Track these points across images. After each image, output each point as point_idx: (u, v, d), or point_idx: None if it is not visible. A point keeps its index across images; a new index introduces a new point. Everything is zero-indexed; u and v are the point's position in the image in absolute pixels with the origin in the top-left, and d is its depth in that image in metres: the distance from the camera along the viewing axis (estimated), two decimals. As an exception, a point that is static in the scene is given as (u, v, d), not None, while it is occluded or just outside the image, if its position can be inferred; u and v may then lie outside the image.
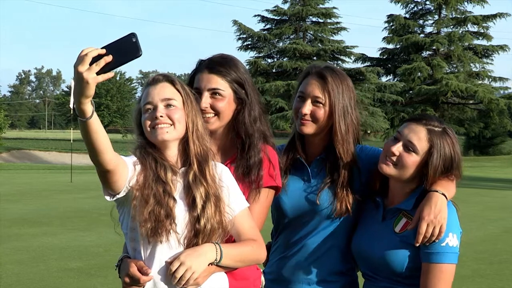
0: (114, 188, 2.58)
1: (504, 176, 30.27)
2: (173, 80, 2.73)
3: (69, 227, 12.45)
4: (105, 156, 2.44)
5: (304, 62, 44.50)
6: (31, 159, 45.60)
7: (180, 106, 2.69)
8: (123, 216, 2.70)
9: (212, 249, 2.61)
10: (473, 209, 15.07)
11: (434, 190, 2.80)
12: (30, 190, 19.46)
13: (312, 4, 46.72)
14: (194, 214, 2.62)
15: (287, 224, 3.13)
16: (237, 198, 2.77)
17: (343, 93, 3.03)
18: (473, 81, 48.34)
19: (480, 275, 8.56)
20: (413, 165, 2.83)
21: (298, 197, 3.08)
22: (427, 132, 2.83)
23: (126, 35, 2.36)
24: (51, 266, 8.99)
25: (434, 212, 2.73)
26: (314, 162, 3.11)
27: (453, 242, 2.74)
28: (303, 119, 3.03)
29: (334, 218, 3.03)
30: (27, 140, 69.35)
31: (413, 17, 50.09)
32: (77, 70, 2.27)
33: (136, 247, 2.66)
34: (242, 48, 48.02)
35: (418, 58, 47.72)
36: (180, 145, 2.72)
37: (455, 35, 47.65)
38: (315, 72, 3.06)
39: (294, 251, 3.10)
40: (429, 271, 2.75)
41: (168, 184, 2.62)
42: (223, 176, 2.77)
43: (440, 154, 2.81)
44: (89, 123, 2.36)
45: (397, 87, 45.16)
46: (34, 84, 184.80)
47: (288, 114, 42.03)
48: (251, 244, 2.73)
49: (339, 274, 3.08)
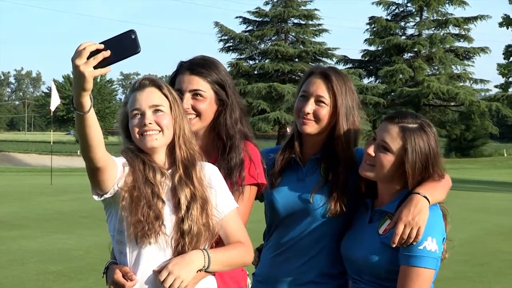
0: (102, 187, 2.58)
1: (485, 178, 30.31)
2: (160, 84, 2.73)
3: (49, 229, 12.36)
4: (97, 152, 2.45)
5: (286, 63, 44.86)
6: (10, 161, 45.35)
7: (168, 112, 2.70)
8: (110, 218, 2.71)
9: (200, 256, 2.62)
10: (453, 211, 14.79)
11: (417, 192, 2.74)
12: (9, 193, 19.36)
13: (293, 6, 46.89)
14: (179, 215, 2.63)
15: (279, 224, 3.11)
16: (225, 199, 2.77)
17: (347, 93, 3.03)
18: (454, 83, 48.56)
19: (462, 277, 8.56)
20: (389, 164, 2.79)
21: (291, 196, 3.06)
22: (400, 129, 2.78)
23: (125, 31, 2.38)
24: (30, 269, 8.93)
25: (412, 214, 2.68)
26: (309, 161, 3.09)
27: (431, 247, 2.68)
28: (305, 118, 3.01)
29: (327, 219, 3.00)
30: (6, 142, 69.28)
31: (395, 19, 50.35)
32: (75, 63, 2.28)
33: (122, 250, 2.67)
34: (223, 49, 48.11)
35: (400, 60, 48.00)
36: (167, 149, 2.73)
37: (437, 37, 47.89)
38: (319, 72, 3.06)
39: (284, 250, 3.08)
40: (405, 274, 2.69)
41: (157, 186, 2.64)
42: (212, 177, 2.77)
43: (414, 151, 2.75)
44: (86, 117, 2.37)
45: (378, 89, 45.52)
46: (14, 85, 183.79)
47: (270, 116, 42.54)
48: (239, 247, 2.74)
49: (330, 276, 3.03)
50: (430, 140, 2.79)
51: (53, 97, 24.27)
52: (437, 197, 2.78)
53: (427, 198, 2.72)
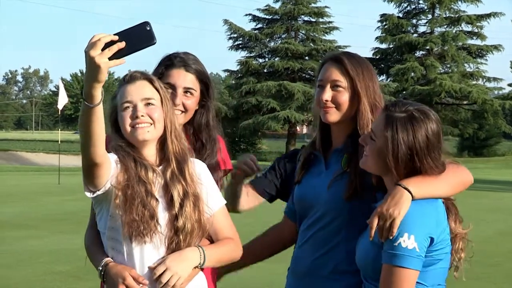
0: (96, 184, 2.59)
1: (499, 177, 29.97)
2: (151, 78, 2.77)
3: (57, 230, 12.30)
4: (97, 148, 2.46)
5: (296, 62, 44.83)
6: (18, 160, 45.14)
7: (159, 105, 2.72)
8: (101, 215, 2.72)
9: (196, 253, 2.68)
10: (466, 211, 14.61)
11: (399, 184, 2.59)
12: (17, 192, 19.40)
13: (304, 3, 46.63)
14: (173, 212, 2.66)
15: (302, 216, 3.09)
16: (215, 196, 2.83)
17: (364, 73, 2.95)
18: (467, 81, 48.06)
19: (473, 278, 8.27)
20: (372, 152, 2.67)
21: (310, 188, 3.04)
22: (384, 117, 2.65)
23: (139, 23, 2.37)
24: (38, 270, 8.91)
25: (388, 205, 2.54)
26: (333, 153, 3.05)
27: (407, 244, 2.50)
28: (326, 106, 2.96)
29: (345, 212, 2.92)
30: (13, 141, 68.86)
31: (407, 16, 49.83)
32: (89, 54, 2.27)
33: (115, 247, 2.69)
34: (233, 47, 47.89)
35: (412, 58, 47.48)
36: (157, 144, 2.75)
37: (449, 35, 47.40)
38: (331, 58, 3.01)
39: (304, 243, 3.06)
40: (383, 272, 2.56)
41: (149, 184, 2.66)
42: (202, 174, 2.82)
43: (395, 141, 2.60)
44: (95, 110, 2.36)
45: (390, 87, 45.00)
46: (21, 84, 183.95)
47: (280, 115, 42.53)
48: (229, 243, 2.81)
49: (344, 273, 2.94)
50: (418, 131, 2.60)
51: (61, 96, 24.40)
52: (427, 191, 2.59)
53: (409, 191, 2.56)
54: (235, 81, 48.89)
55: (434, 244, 2.57)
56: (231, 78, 52.47)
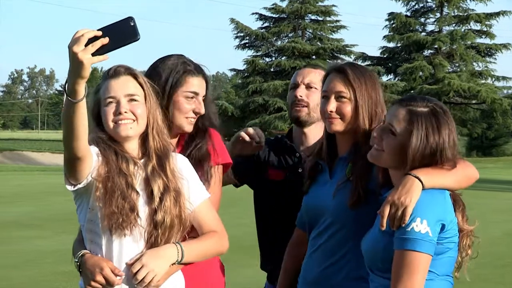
0: (77, 177, 2.62)
1: (508, 177, 29.76)
2: (136, 74, 2.77)
3: (63, 229, 12.13)
4: (80, 142, 2.49)
5: (303, 61, 44.60)
6: (24, 160, 45.34)
7: (142, 101, 2.74)
8: (81, 208, 2.74)
9: (173, 250, 2.69)
10: (475, 212, 14.64)
11: (409, 173, 2.60)
12: (22, 192, 19.45)
13: (311, 2, 46.49)
14: (152, 206, 2.68)
15: (311, 225, 3.12)
16: (197, 189, 2.85)
17: (366, 84, 3.00)
18: (476, 80, 47.78)
19: (483, 279, 8.20)
20: (394, 148, 2.65)
21: (316, 198, 3.09)
22: (407, 112, 2.65)
23: (123, 18, 2.38)
24: (44, 270, 8.92)
25: (399, 194, 2.56)
26: (338, 162, 3.09)
27: (420, 228, 2.51)
28: (330, 117, 3.01)
29: (352, 218, 2.93)
30: (19, 141, 68.97)
31: (415, 15, 49.61)
32: (72, 50, 2.29)
33: (94, 239, 2.71)
34: (239, 47, 47.73)
35: (420, 57, 47.20)
36: (139, 139, 2.78)
37: (458, 34, 47.02)
38: (334, 69, 3.07)
39: (314, 251, 3.08)
40: (395, 259, 2.54)
41: (130, 176, 2.68)
42: (183, 168, 2.83)
43: (420, 136, 2.61)
44: (78, 106, 2.39)
45: (398, 86, 44.81)
46: (27, 83, 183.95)
47: (287, 114, 41.51)
48: (213, 236, 2.82)
49: (359, 279, 2.91)
50: (443, 127, 2.63)
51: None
52: (437, 181, 2.62)
53: (420, 180, 2.58)
54: (241, 80, 48.81)
55: (444, 231, 2.58)
56: (238, 77, 52.39)
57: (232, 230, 2.89)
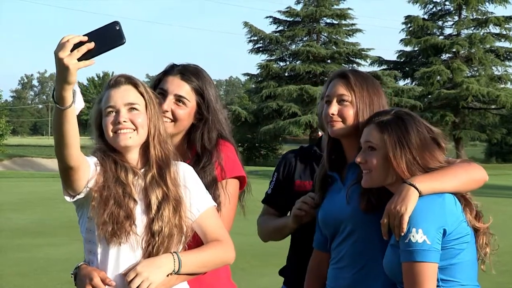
0: (74, 188, 2.64)
1: (528, 184, 29.68)
2: (136, 82, 2.77)
3: (74, 237, 11.57)
4: (72, 150, 2.51)
5: (318, 65, 45.07)
6: (34, 166, 45.36)
7: (143, 110, 2.74)
8: (82, 219, 2.76)
9: (169, 260, 2.67)
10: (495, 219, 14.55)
11: (405, 181, 2.70)
12: (33, 199, 19.32)
13: (326, 5, 46.49)
14: (150, 216, 2.68)
15: (332, 236, 3.13)
16: (201, 197, 2.82)
17: (368, 89, 3.08)
18: (495, 85, 47.49)
19: None
20: (377, 162, 2.79)
21: (333, 206, 3.10)
22: (376, 125, 2.82)
23: (109, 23, 2.42)
24: (54, 278, 8.86)
25: (395, 203, 2.67)
26: (348, 168, 3.12)
27: (416, 238, 2.61)
28: (332, 120, 3.07)
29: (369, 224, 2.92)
30: (29, 147, 69.28)
31: (432, 18, 49.34)
32: (58, 56, 2.33)
33: (91, 249, 2.73)
34: (253, 50, 47.94)
35: (437, 61, 46.85)
36: (141, 149, 2.77)
37: (476, 37, 46.77)
38: (337, 74, 3.15)
39: (339, 259, 3.08)
40: (403, 271, 2.66)
41: (129, 186, 2.69)
42: (186, 177, 2.82)
43: (393, 140, 2.76)
44: (66, 113, 2.43)
45: (415, 91, 44.86)
46: (37, 88, 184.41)
47: (301, 119, 42.76)
48: (215, 246, 2.78)
49: None
50: (410, 126, 2.77)
51: (77, 101, 23.71)
52: (436, 186, 2.70)
53: (415, 187, 2.67)
54: (255, 85, 48.91)
55: (448, 234, 2.64)
56: (251, 82, 52.86)
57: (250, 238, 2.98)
